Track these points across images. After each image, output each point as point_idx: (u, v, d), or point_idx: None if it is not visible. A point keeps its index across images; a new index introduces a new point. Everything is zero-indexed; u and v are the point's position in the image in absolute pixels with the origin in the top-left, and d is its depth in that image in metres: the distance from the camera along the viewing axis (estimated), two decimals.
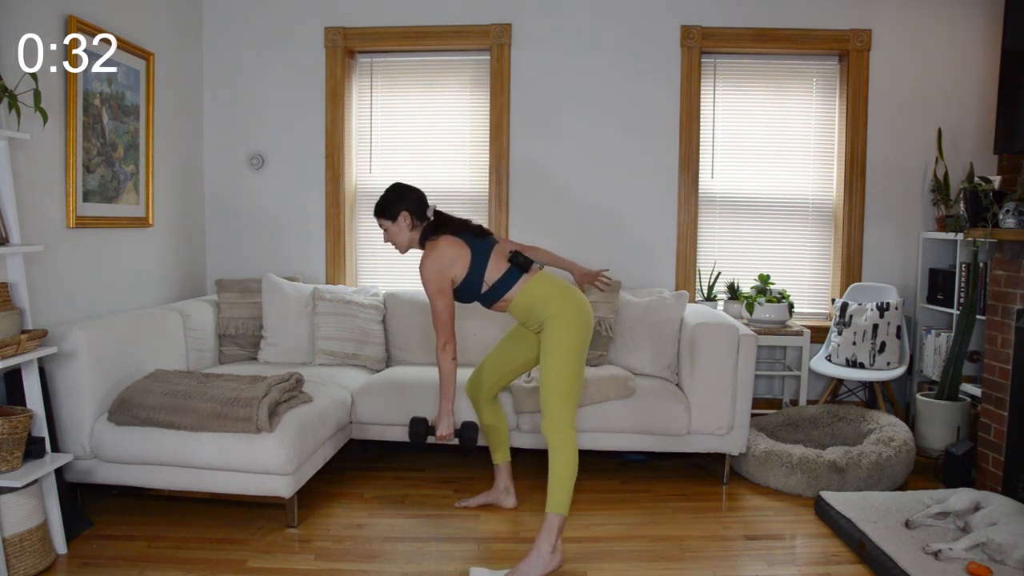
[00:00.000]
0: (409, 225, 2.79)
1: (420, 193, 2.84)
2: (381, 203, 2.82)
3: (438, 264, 2.69)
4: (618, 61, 4.19)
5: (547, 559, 2.47)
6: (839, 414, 3.77)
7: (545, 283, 2.74)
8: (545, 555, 2.47)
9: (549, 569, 2.48)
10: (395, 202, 2.79)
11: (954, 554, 2.46)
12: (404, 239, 2.82)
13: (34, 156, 2.96)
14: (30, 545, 2.44)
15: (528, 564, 2.47)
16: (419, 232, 2.81)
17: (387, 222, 2.81)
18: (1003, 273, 3.16)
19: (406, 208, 2.78)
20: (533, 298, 2.72)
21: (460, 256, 2.72)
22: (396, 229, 2.80)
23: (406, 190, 2.82)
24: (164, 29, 3.89)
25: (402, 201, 2.79)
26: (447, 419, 2.79)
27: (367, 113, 4.39)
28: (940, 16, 4.11)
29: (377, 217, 2.84)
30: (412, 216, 2.79)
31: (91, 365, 2.84)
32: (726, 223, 4.31)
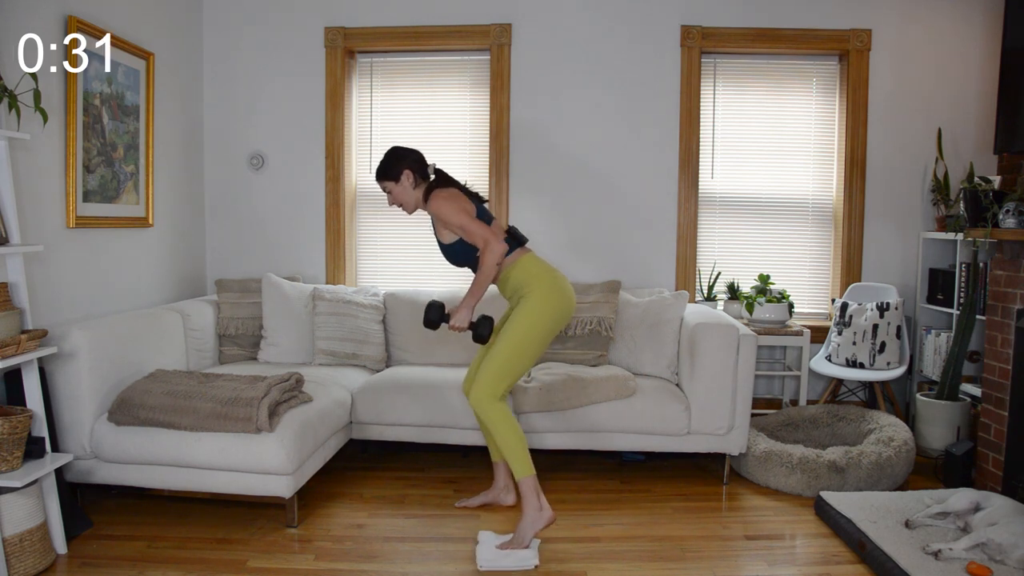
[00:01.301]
0: (412, 183, 2.84)
1: (419, 153, 2.89)
2: (382, 166, 2.85)
3: (449, 193, 2.75)
4: (618, 61, 4.19)
5: (537, 515, 2.64)
6: (839, 414, 3.77)
7: (538, 262, 2.83)
8: (534, 513, 2.64)
9: (545, 521, 2.65)
10: (396, 163, 2.84)
11: (954, 554, 2.46)
12: (410, 198, 2.85)
13: (34, 156, 2.96)
14: (30, 545, 2.44)
15: (525, 524, 2.63)
16: (423, 190, 2.85)
17: (390, 183, 2.85)
18: (1003, 273, 3.16)
19: (407, 167, 2.82)
20: (524, 272, 2.78)
21: (467, 204, 2.78)
22: (400, 189, 2.84)
23: (405, 150, 2.87)
24: (164, 29, 3.89)
25: (403, 160, 2.84)
26: (465, 312, 2.77)
27: (367, 113, 4.39)
28: (940, 16, 4.11)
29: (380, 180, 2.87)
30: (415, 175, 2.83)
31: (91, 365, 2.84)
32: (726, 223, 4.31)
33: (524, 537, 2.62)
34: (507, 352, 2.70)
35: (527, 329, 2.70)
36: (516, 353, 2.71)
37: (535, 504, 2.64)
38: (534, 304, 2.72)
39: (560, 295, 2.76)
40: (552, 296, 2.74)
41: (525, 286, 2.77)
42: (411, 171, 2.82)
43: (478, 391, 2.70)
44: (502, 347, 2.71)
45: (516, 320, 2.72)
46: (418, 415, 3.33)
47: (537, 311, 2.72)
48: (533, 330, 2.71)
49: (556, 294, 2.75)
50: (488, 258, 2.71)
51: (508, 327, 2.73)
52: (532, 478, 2.66)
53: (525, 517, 2.65)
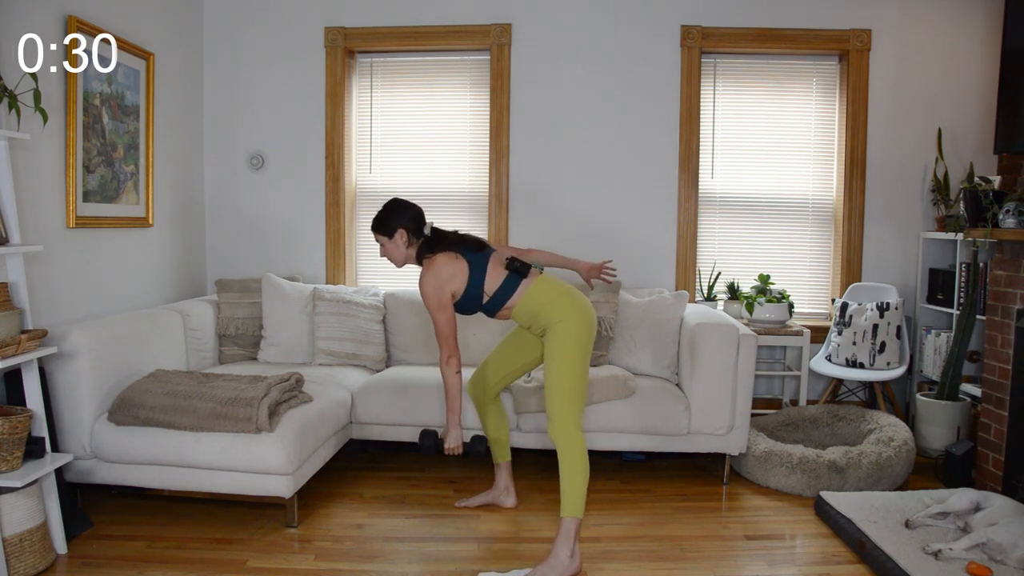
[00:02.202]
0: (406, 242, 2.79)
1: (418, 210, 2.83)
2: (378, 219, 2.82)
3: (436, 280, 2.69)
4: (618, 61, 4.19)
5: (566, 563, 2.48)
6: (839, 414, 3.77)
7: (546, 287, 2.74)
8: (564, 559, 2.47)
9: (568, 574, 2.48)
10: (392, 219, 2.78)
11: (954, 554, 2.46)
12: (400, 255, 2.82)
13: (34, 156, 2.96)
14: (30, 545, 2.44)
15: (547, 567, 2.46)
16: (415, 249, 2.80)
17: (383, 238, 2.81)
18: (1003, 273, 3.16)
19: (403, 225, 2.77)
20: (535, 303, 2.72)
21: (458, 271, 2.71)
22: (392, 246, 2.80)
23: (403, 207, 2.81)
24: (164, 29, 3.89)
25: (399, 218, 2.78)
26: (454, 432, 2.80)
27: (367, 113, 4.39)
28: (940, 16, 4.11)
29: (374, 232, 2.83)
30: (408, 233, 2.78)
31: (91, 365, 2.84)
32: (726, 223, 4.31)
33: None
34: (560, 386, 2.62)
35: (566, 358, 2.63)
36: (570, 381, 2.62)
37: (568, 548, 2.49)
38: (560, 334, 2.65)
39: (578, 312, 2.69)
40: (571, 317, 2.67)
41: (541, 316, 2.72)
42: (406, 231, 2.77)
43: (559, 425, 2.59)
44: (554, 384, 2.63)
45: (552, 356, 2.65)
46: (419, 415, 3.33)
47: (565, 339, 2.64)
48: (573, 355, 2.64)
49: (574, 313, 2.68)
50: (445, 372, 2.75)
51: (549, 364, 2.66)
52: (579, 521, 2.53)
53: (553, 559, 2.48)
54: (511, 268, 2.74)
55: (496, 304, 2.76)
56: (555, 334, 2.66)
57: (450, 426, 2.80)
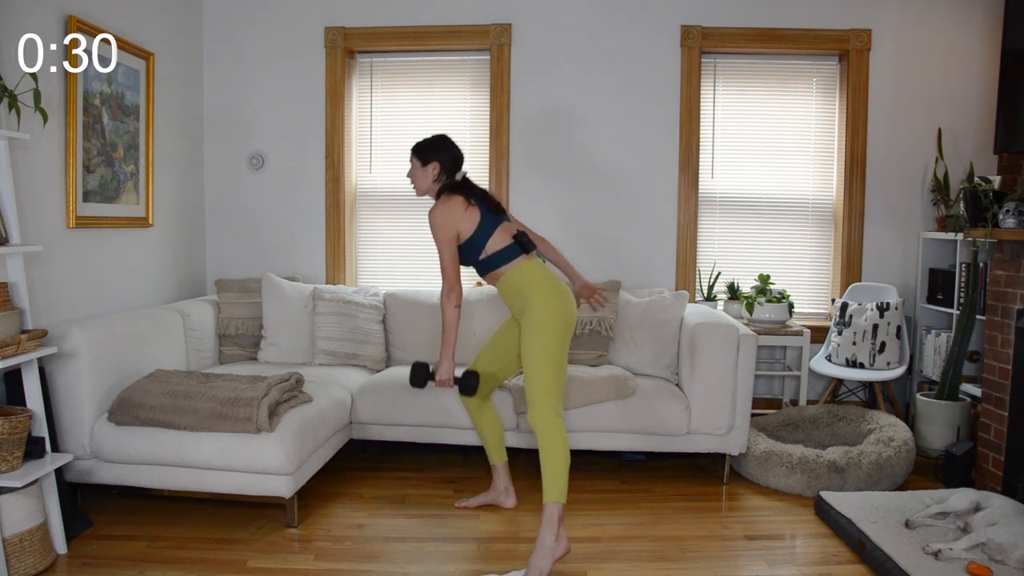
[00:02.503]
0: (435, 176, 2.87)
1: (459, 154, 2.92)
2: (422, 144, 2.91)
3: (447, 215, 2.77)
4: (618, 61, 4.19)
5: (552, 547, 2.51)
6: (839, 414, 3.77)
7: (538, 269, 2.81)
8: (550, 544, 2.50)
9: (559, 555, 2.52)
10: (434, 150, 2.88)
11: (954, 554, 2.46)
12: (424, 184, 2.91)
13: (34, 156, 2.96)
14: (30, 545, 2.44)
15: (537, 557, 2.49)
16: (439, 185, 2.88)
17: (417, 162, 2.89)
18: (1003, 273, 3.16)
19: (439, 159, 2.86)
20: (522, 279, 2.77)
21: (469, 217, 2.79)
22: (422, 172, 2.89)
23: (449, 145, 2.90)
24: (164, 29, 3.89)
25: (440, 152, 2.87)
26: (447, 363, 2.83)
27: (367, 113, 4.39)
28: (940, 16, 4.11)
29: (412, 152, 2.92)
30: (441, 169, 2.87)
31: (91, 365, 2.84)
32: (726, 223, 4.31)
33: (543, 567, 2.48)
34: (537, 371, 2.66)
35: (543, 344, 2.67)
36: (548, 367, 2.66)
37: (553, 534, 2.51)
38: (537, 318, 2.69)
39: (559, 300, 2.72)
40: (550, 303, 2.70)
41: (523, 294, 2.75)
42: (440, 165, 2.86)
43: (538, 412, 2.62)
44: (530, 370, 2.67)
45: (529, 342, 2.69)
46: (418, 415, 3.33)
47: (542, 324, 2.68)
48: (549, 342, 2.67)
49: (554, 300, 2.71)
50: (443, 303, 2.80)
51: (526, 350, 2.69)
52: (562, 506, 2.55)
53: (540, 547, 2.50)
54: (516, 240, 2.82)
55: (489, 265, 2.82)
56: (532, 317, 2.71)
57: (443, 358, 2.83)
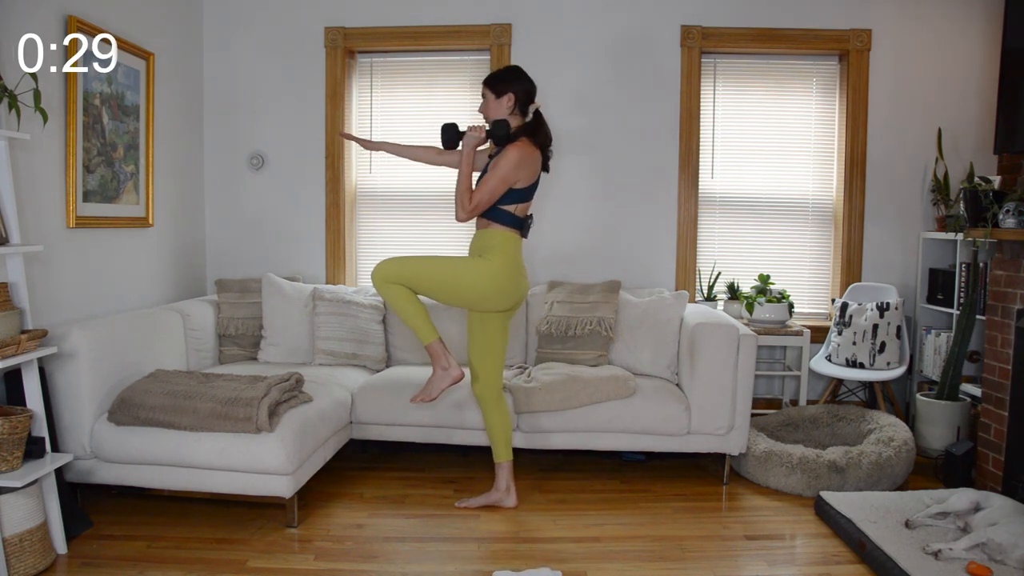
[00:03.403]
0: (510, 108, 2.89)
1: (533, 86, 2.94)
2: (495, 75, 2.93)
3: (520, 162, 2.81)
4: (618, 61, 4.19)
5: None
6: (839, 414, 3.77)
7: (511, 241, 2.90)
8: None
9: (449, 381, 2.89)
10: (509, 81, 2.90)
11: (954, 554, 2.46)
12: (497, 115, 2.91)
13: (34, 156, 2.96)
14: (30, 545, 2.44)
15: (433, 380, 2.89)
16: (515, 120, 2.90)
17: (491, 94, 2.91)
18: (1003, 273, 3.16)
19: (513, 91, 2.89)
20: (492, 239, 2.89)
21: (532, 173, 2.87)
22: (496, 105, 2.91)
23: (524, 76, 2.93)
24: (164, 29, 3.89)
25: (515, 83, 2.90)
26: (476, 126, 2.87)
27: (367, 113, 4.39)
28: (940, 16, 4.11)
29: (484, 85, 2.93)
30: (516, 101, 2.89)
31: (91, 365, 2.84)
32: (726, 223, 4.31)
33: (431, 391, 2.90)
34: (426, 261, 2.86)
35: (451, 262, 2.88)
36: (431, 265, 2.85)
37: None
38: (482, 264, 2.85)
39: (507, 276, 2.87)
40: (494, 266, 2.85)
41: (485, 253, 2.88)
42: (514, 97, 2.88)
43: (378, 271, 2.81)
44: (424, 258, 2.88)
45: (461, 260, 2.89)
46: (418, 415, 3.33)
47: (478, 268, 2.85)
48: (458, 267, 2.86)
49: (506, 270, 2.86)
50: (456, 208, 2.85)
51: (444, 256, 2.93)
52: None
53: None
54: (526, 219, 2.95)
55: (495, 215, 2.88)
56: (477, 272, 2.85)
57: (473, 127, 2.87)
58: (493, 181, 2.81)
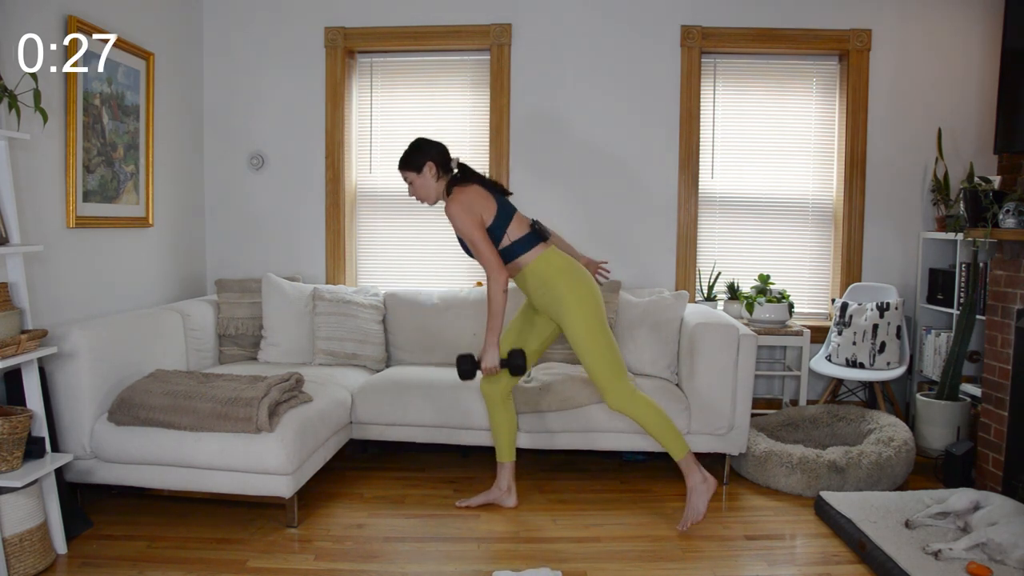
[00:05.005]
0: (435, 176, 2.86)
1: (443, 146, 2.91)
2: (405, 155, 2.88)
3: (466, 204, 2.77)
4: (618, 61, 4.19)
5: (702, 488, 2.84)
6: (839, 414, 3.77)
7: (560, 256, 2.85)
8: (699, 485, 2.84)
9: (712, 491, 2.85)
10: (419, 154, 2.86)
11: (954, 554, 2.46)
12: (431, 190, 2.88)
13: (34, 156, 2.96)
14: (30, 545, 2.44)
15: (696, 498, 2.81)
16: (444, 183, 2.87)
17: (412, 174, 2.87)
18: (1003, 273, 3.16)
19: (431, 159, 2.84)
20: (549, 268, 2.80)
21: (488, 205, 2.81)
22: (422, 181, 2.86)
23: (429, 142, 2.89)
24: (164, 29, 3.89)
25: (426, 152, 2.86)
26: (492, 351, 2.83)
27: (367, 113, 4.39)
28: (940, 16, 4.11)
29: (402, 170, 2.89)
30: (437, 167, 2.85)
31: (91, 365, 2.84)
32: (726, 223, 4.31)
33: (700, 508, 2.82)
34: (596, 357, 2.78)
35: (589, 329, 2.78)
36: (603, 350, 2.78)
37: (697, 477, 2.83)
38: (573, 308, 2.78)
39: (587, 283, 2.82)
40: (581, 287, 2.79)
41: (551, 283, 2.80)
42: (434, 163, 2.84)
43: (612, 395, 2.78)
44: (590, 359, 2.79)
45: (575, 335, 2.79)
46: (418, 415, 3.33)
47: (579, 313, 2.78)
48: (595, 325, 2.78)
49: (583, 284, 2.81)
50: (492, 289, 2.76)
51: (576, 342, 2.80)
52: (689, 454, 2.84)
53: (692, 493, 2.82)
54: (534, 228, 2.85)
55: (511, 254, 2.83)
56: (570, 307, 2.77)
57: (488, 346, 2.83)
58: (475, 240, 2.76)
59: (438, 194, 2.89)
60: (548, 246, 2.87)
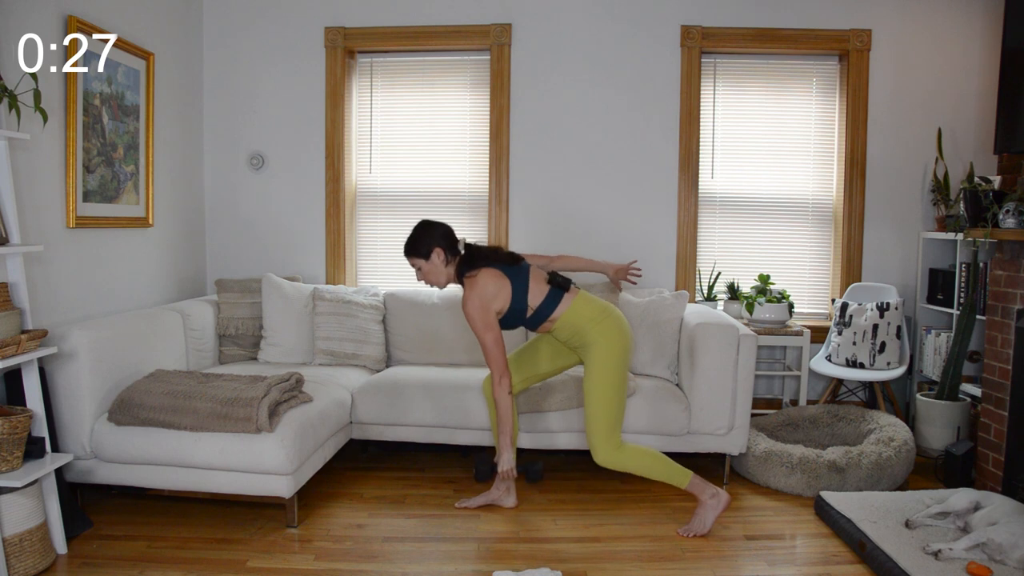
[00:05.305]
0: (444, 261, 2.79)
1: (447, 227, 2.84)
2: (411, 242, 2.80)
3: (481, 300, 2.71)
4: (618, 61, 4.19)
5: (711, 503, 2.81)
6: (839, 414, 3.77)
7: (590, 303, 2.80)
8: (709, 500, 2.81)
9: (723, 507, 2.81)
10: (425, 239, 2.78)
11: (954, 554, 2.46)
12: (441, 276, 2.81)
13: (34, 156, 2.96)
14: (30, 545, 2.44)
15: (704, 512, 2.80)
16: (454, 267, 2.81)
17: (420, 260, 2.80)
18: (1003, 273, 3.16)
19: (437, 244, 2.77)
20: (579, 318, 2.77)
21: (502, 288, 2.74)
22: (430, 267, 2.80)
23: (432, 225, 2.82)
24: (164, 29, 3.89)
25: (431, 237, 2.78)
26: (507, 454, 2.83)
27: (367, 113, 4.39)
28: (940, 16, 4.11)
29: (409, 257, 2.82)
30: (445, 251, 2.78)
31: (91, 365, 2.84)
32: (726, 223, 4.31)
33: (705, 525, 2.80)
34: (603, 405, 2.73)
35: (610, 381, 2.74)
36: (612, 404, 2.74)
37: (705, 496, 2.80)
38: (602, 355, 2.74)
39: (620, 332, 2.78)
40: (613, 337, 2.75)
41: (583, 332, 2.77)
42: (441, 249, 2.77)
43: (602, 453, 2.75)
44: (595, 408, 2.74)
45: (595, 379, 2.75)
46: (418, 415, 3.33)
47: (608, 360, 2.74)
48: (615, 377, 2.75)
49: (616, 333, 2.76)
50: (498, 393, 2.76)
51: (591, 386, 2.75)
52: (691, 480, 2.79)
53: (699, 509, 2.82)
54: (553, 283, 2.80)
55: (540, 317, 2.80)
56: (597, 355, 2.74)
57: (502, 448, 2.82)
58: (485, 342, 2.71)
59: (449, 278, 2.83)
60: (574, 294, 2.82)
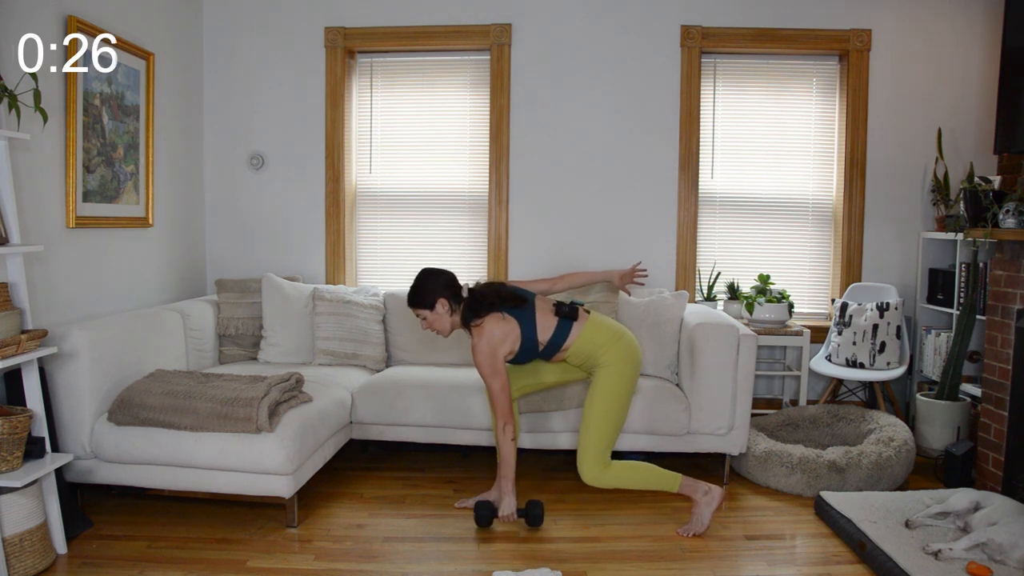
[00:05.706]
0: (448, 310, 2.78)
1: (450, 275, 2.83)
2: (414, 293, 2.79)
3: (489, 346, 2.72)
4: (618, 61, 4.19)
5: (704, 500, 2.81)
6: (839, 414, 3.77)
7: (600, 329, 2.80)
8: (702, 498, 2.81)
9: (717, 502, 2.81)
10: (429, 289, 2.78)
11: (954, 554, 2.46)
12: (446, 325, 2.81)
13: (34, 156, 2.96)
14: (30, 545, 2.44)
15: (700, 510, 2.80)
16: (459, 315, 2.80)
17: (425, 311, 2.80)
18: (1003, 273, 3.16)
19: (441, 294, 2.77)
20: (591, 344, 2.78)
21: (509, 332, 2.74)
22: (435, 317, 2.79)
23: (435, 274, 2.82)
24: (164, 29, 3.89)
25: (435, 287, 2.78)
26: (508, 499, 2.82)
27: (367, 113, 4.39)
28: (940, 16, 4.11)
29: (413, 308, 2.81)
30: (449, 300, 2.77)
31: (91, 365, 2.84)
32: (726, 223, 4.31)
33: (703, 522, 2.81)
34: (601, 424, 2.73)
35: (613, 402, 2.75)
36: (611, 425, 2.75)
37: (697, 494, 2.81)
38: (610, 378, 2.76)
39: (631, 357, 2.79)
40: (623, 361, 2.77)
41: (594, 356, 2.79)
42: (445, 299, 2.76)
43: (589, 470, 2.73)
44: (594, 422, 2.73)
45: (598, 398, 2.75)
46: (418, 415, 3.33)
47: (615, 384, 2.76)
48: (619, 399, 2.76)
49: (627, 358, 2.78)
50: (500, 439, 2.77)
51: (593, 404, 2.75)
52: (681, 483, 2.80)
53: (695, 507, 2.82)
54: (561, 314, 2.79)
55: (552, 349, 2.81)
56: (605, 376, 2.75)
57: (504, 493, 2.82)
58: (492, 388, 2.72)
59: (454, 326, 2.82)
60: (583, 320, 2.81)
